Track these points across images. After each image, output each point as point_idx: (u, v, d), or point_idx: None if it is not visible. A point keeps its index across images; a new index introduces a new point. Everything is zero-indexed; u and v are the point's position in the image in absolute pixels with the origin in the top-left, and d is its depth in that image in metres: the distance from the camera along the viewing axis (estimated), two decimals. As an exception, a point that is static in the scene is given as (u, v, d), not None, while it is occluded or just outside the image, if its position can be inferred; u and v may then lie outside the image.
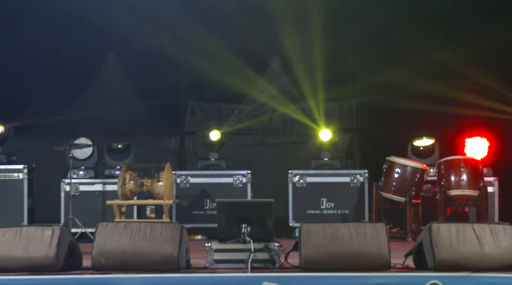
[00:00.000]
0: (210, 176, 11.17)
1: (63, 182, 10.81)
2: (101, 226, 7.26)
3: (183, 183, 11.03)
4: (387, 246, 7.13)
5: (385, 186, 10.15)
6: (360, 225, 7.24)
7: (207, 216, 10.91)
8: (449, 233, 7.09)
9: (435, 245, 7.04)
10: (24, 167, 10.83)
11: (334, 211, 10.91)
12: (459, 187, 9.98)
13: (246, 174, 11.06)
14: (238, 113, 13.47)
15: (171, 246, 7.12)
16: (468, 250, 7.04)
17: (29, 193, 10.85)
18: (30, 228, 7.22)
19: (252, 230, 7.27)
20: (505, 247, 7.06)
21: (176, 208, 10.92)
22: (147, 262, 7.08)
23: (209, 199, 10.99)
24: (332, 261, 7.06)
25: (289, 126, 13.58)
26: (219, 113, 13.68)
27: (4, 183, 10.77)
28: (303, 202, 10.92)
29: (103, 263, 7.10)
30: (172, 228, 7.24)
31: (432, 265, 7.04)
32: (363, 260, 7.06)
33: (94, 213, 10.63)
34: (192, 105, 13.70)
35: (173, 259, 7.09)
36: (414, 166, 10.13)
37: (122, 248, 7.12)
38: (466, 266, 6.94)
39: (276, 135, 13.64)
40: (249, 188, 11.02)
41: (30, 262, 7.03)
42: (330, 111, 12.96)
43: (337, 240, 7.14)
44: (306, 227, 7.22)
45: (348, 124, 13.21)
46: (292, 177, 10.97)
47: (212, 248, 7.29)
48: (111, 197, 10.34)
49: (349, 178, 10.96)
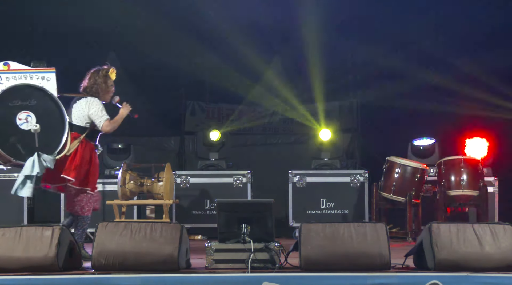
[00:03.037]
0: (210, 176, 11.17)
1: (63, 182, 10.80)
2: (101, 226, 7.26)
3: (183, 183, 11.03)
4: (387, 246, 7.13)
5: (385, 186, 10.15)
6: (360, 225, 7.24)
7: (207, 216, 10.91)
8: (449, 233, 7.09)
9: (435, 245, 7.03)
10: (24, 167, 10.81)
11: (334, 211, 10.91)
12: (459, 187, 9.98)
13: (246, 174, 11.06)
14: (238, 113, 13.47)
15: (171, 246, 7.12)
16: (468, 250, 7.03)
17: (29, 193, 10.83)
18: (30, 228, 7.21)
19: (252, 230, 7.27)
20: (505, 247, 7.06)
21: (176, 208, 10.92)
22: (147, 262, 7.08)
23: (209, 199, 10.99)
24: (332, 261, 7.06)
25: (289, 126, 13.58)
26: (219, 113, 13.68)
27: (4, 183, 10.76)
28: (303, 202, 10.93)
29: (103, 263, 7.10)
30: (172, 228, 7.24)
31: (432, 265, 7.04)
32: (363, 260, 7.06)
33: (94, 213, 10.60)
34: (192, 105, 13.70)
35: (173, 259, 7.09)
36: (414, 166, 10.13)
37: (122, 248, 7.11)
38: (466, 266, 6.94)
39: (276, 135, 13.64)
40: (249, 188, 11.02)
41: (30, 262, 7.03)
42: (330, 111, 12.96)
43: (337, 240, 7.14)
44: (306, 227, 7.22)
45: (348, 124, 13.21)
46: (292, 177, 10.98)
47: (212, 248, 7.29)
48: (111, 197, 10.34)
49: (349, 178, 10.96)
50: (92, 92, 8.28)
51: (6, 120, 7.82)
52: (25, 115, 7.86)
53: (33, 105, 7.88)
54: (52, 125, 7.92)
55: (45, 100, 7.93)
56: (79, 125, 8.16)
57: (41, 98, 7.93)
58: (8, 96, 7.87)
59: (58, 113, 7.95)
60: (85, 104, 8.20)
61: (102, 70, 8.36)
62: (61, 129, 7.93)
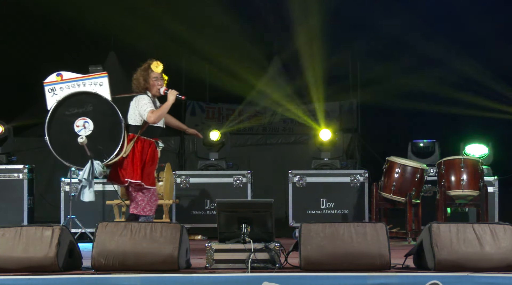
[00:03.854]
0: (210, 176, 11.17)
1: (63, 182, 10.81)
2: (101, 226, 7.26)
3: (183, 183, 11.03)
4: (387, 246, 7.13)
5: (385, 186, 10.15)
6: (360, 225, 7.24)
7: (207, 216, 10.91)
8: (449, 233, 7.09)
9: (435, 245, 7.03)
10: (24, 167, 10.83)
11: (334, 211, 10.91)
12: (459, 187, 9.98)
13: (246, 174, 11.06)
14: (238, 113, 13.48)
15: (171, 246, 7.12)
16: (468, 250, 7.03)
17: (29, 193, 10.85)
18: (30, 228, 7.21)
19: (252, 230, 7.27)
20: (505, 247, 7.06)
21: (176, 208, 10.92)
22: (147, 262, 7.08)
23: (209, 199, 10.99)
24: (332, 261, 7.06)
25: (289, 126, 13.59)
26: (219, 113, 13.69)
27: (4, 183, 10.77)
28: (303, 202, 10.92)
29: (103, 263, 7.10)
30: (172, 228, 7.24)
31: (432, 265, 7.04)
32: (363, 260, 7.06)
33: (94, 213, 10.64)
34: (192, 105, 13.71)
35: (173, 259, 7.09)
36: (414, 166, 10.12)
37: (122, 248, 7.11)
38: (466, 266, 6.94)
39: (276, 135, 13.65)
40: (249, 188, 11.02)
41: (30, 262, 7.03)
42: (330, 111, 12.97)
43: (337, 240, 7.14)
44: (306, 227, 7.22)
45: (348, 124, 13.22)
46: (292, 177, 10.98)
47: (212, 248, 7.29)
48: (111, 197, 10.34)
49: (349, 178, 10.96)
50: (138, 89, 8.30)
51: (64, 129, 8.06)
52: (83, 121, 8.07)
53: (89, 111, 8.08)
54: (109, 129, 8.09)
55: (100, 105, 8.10)
56: (134, 124, 8.19)
57: (96, 103, 8.10)
58: (64, 105, 8.11)
59: (114, 116, 8.09)
60: (134, 102, 8.23)
61: (142, 66, 8.37)
62: (117, 132, 8.07)
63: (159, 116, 8.13)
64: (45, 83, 8.25)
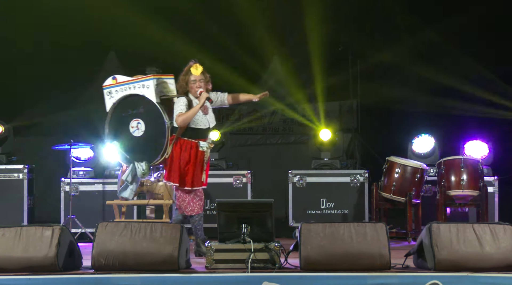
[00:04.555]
0: (210, 176, 11.10)
1: (63, 182, 10.81)
2: (101, 226, 7.27)
3: (183, 183, 11.01)
4: (387, 246, 7.13)
5: (385, 186, 10.15)
6: (360, 225, 7.25)
7: (207, 216, 10.88)
8: (449, 233, 7.09)
9: (435, 245, 7.04)
10: (24, 167, 10.83)
11: (334, 211, 10.91)
12: (459, 187, 9.98)
13: (246, 174, 11.06)
14: (238, 113, 13.47)
15: (171, 246, 7.13)
16: (468, 250, 7.04)
17: (29, 193, 10.85)
18: (30, 228, 7.22)
19: (252, 230, 7.27)
20: (505, 247, 7.06)
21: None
22: (147, 262, 7.08)
23: (209, 199, 10.98)
24: (332, 261, 7.06)
25: (289, 126, 13.57)
26: (219, 113, 13.68)
27: (4, 183, 10.77)
28: (303, 202, 10.92)
29: (103, 263, 7.10)
30: (172, 228, 7.25)
31: (432, 265, 7.04)
32: (363, 260, 7.07)
33: (94, 213, 10.64)
34: (192, 105, 13.65)
35: (173, 259, 7.09)
36: (414, 166, 10.13)
37: (122, 248, 7.12)
38: (466, 266, 6.94)
39: (276, 135, 13.63)
40: (249, 188, 11.01)
41: (30, 262, 7.03)
42: (330, 111, 12.95)
43: (337, 240, 7.15)
44: (306, 227, 7.23)
45: (348, 124, 13.20)
46: (292, 177, 10.97)
47: (212, 248, 7.29)
48: (111, 197, 10.33)
49: (349, 178, 10.96)
50: (180, 91, 8.48)
51: (123, 130, 8.53)
52: (136, 122, 8.52)
53: (142, 113, 8.49)
54: (156, 130, 8.43)
55: (148, 107, 8.44)
56: (175, 126, 8.39)
57: (146, 105, 8.44)
58: (120, 107, 8.56)
59: (159, 118, 8.40)
60: (175, 104, 8.41)
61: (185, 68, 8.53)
62: (162, 133, 8.38)
63: (184, 119, 8.26)
64: (104, 87, 8.63)
